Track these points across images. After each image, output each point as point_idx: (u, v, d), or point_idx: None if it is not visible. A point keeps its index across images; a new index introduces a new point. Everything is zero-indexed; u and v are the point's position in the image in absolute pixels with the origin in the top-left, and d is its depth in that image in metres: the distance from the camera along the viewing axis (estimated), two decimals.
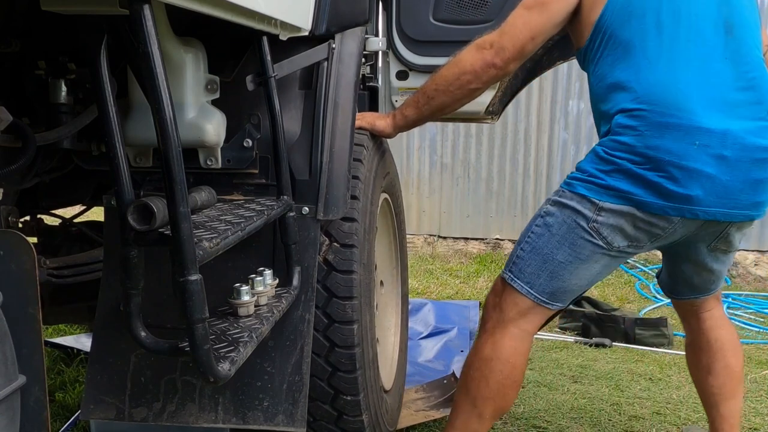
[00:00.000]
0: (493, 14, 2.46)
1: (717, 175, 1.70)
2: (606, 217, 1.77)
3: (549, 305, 1.88)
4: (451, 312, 3.98)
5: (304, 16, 1.71)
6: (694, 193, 1.70)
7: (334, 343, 1.81)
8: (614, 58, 1.81)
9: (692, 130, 1.69)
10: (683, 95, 1.72)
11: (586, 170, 1.81)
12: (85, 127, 1.61)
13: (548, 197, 1.90)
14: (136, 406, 1.61)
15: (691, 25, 1.77)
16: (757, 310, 4.34)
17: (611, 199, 1.75)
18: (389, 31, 2.55)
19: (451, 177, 5.95)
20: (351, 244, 1.80)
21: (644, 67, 1.76)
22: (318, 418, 1.90)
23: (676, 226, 1.77)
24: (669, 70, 1.75)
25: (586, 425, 2.63)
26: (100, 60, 1.11)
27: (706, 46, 1.76)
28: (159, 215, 1.10)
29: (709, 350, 2.14)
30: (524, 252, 1.88)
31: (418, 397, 2.74)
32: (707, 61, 1.76)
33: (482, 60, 1.88)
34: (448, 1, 2.49)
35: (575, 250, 1.81)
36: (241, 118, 1.71)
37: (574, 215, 1.80)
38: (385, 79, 2.63)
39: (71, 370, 3.03)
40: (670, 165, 1.69)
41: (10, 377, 1.00)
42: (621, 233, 1.79)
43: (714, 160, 1.69)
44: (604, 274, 1.93)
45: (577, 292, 1.93)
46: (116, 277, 1.60)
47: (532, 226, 1.89)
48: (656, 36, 1.76)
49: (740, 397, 2.16)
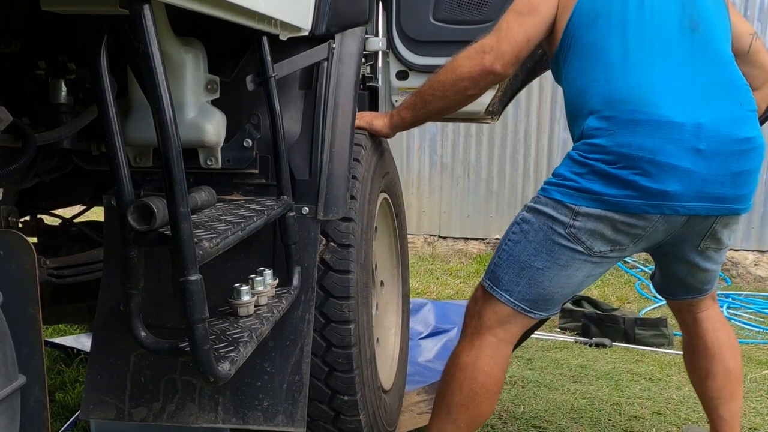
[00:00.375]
0: (493, 14, 2.46)
1: (694, 169, 1.68)
2: (583, 222, 1.74)
3: (530, 314, 1.85)
4: (451, 312, 3.98)
5: (304, 16, 1.71)
6: (672, 189, 1.68)
7: (331, 342, 1.81)
8: (581, 61, 1.81)
9: (663, 125, 1.68)
10: (651, 92, 1.72)
11: (560, 174, 1.79)
12: (85, 127, 1.60)
13: (525, 203, 1.89)
14: (136, 406, 1.61)
15: (656, 25, 1.79)
16: (757, 310, 4.34)
17: (587, 203, 1.73)
18: (389, 31, 2.55)
19: (451, 177, 5.95)
20: (348, 244, 1.80)
21: (611, 67, 1.76)
22: (315, 418, 1.90)
23: (656, 224, 1.74)
24: (636, 69, 1.75)
25: (586, 425, 2.63)
26: (100, 60, 1.11)
27: (672, 43, 1.78)
28: (159, 215, 1.10)
29: (707, 354, 2.13)
30: (501, 260, 1.86)
31: (420, 399, 2.74)
32: (674, 58, 1.77)
33: (481, 66, 1.87)
34: (448, 1, 2.49)
35: (553, 256, 1.79)
36: (241, 118, 1.71)
37: (550, 221, 1.78)
38: (385, 79, 2.63)
39: (71, 370, 3.03)
40: (644, 161, 1.67)
41: (10, 377, 1.00)
42: (600, 237, 1.76)
43: (689, 153, 1.67)
44: (589, 281, 1.90)
45: (561, 300, 1.88)
46: (116, 277, 1.60)
47: (509, 234, 1.87)
48: (621, 36, 1.78)
49: (740, 398, 2.16)
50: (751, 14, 5.38)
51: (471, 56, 1.88)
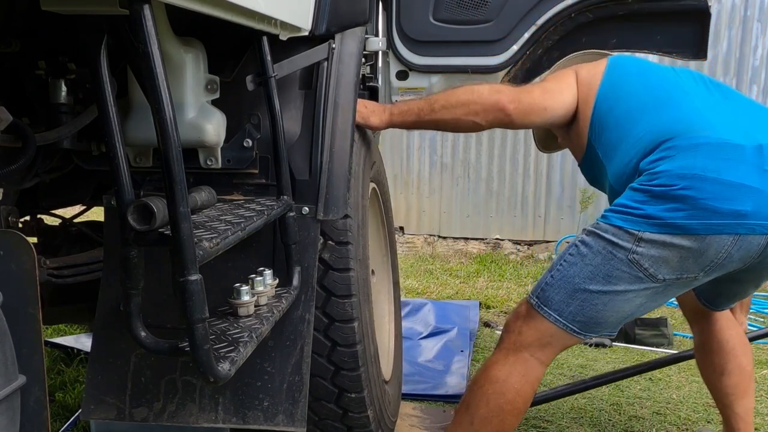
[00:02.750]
0: (493, 14, 2.46)
1: (763, 188, 1.65)
2: (646, 248, 1.68)
3: (580, 335, 1.81)
4: (451, 312, 3.98)
5: (304, 16, 1.70)
6: (744, 208, 1.64)
7: (336, 342, 1.81)
8: (619, 131, 1.86)
9: (724, 146, 1.68)
10: (704, 120, 1.76)
11: (621, 204, 1.75)
12: (85, 127, 1.60)
13: (584, 227, 1.85)
14: (136, 406, 1.61)
15: (677, 84, 1.89)
16: (757, 310, 4.33)
17: (651, 228, 1.67)
18: (389, 31, 2.55)
19: (451, 177, 5.96)
20: (346, 241, 1.80)
21: (654, 117, 1.80)
22: (323, 417, 1.90)
23: (730, 250, 1.67)
24: (678, 109, 1.80)
25: (586, 425, 2.63)
26: (100, 60, 1.11)
27: (699, 91, 1.87)
28: (159, 215, 1.10)
29: (721, 351, 2.14)
30: (554, 280, 1.81)
31: (414, 414, 2.73)
32: (712, 97, 1.85)
33: (497, 100, 1.93)
34: (448, 1, 2.49)
35: (610, 281, 1.73)
36: (241, 118, 1.71)
37: (610, 246, 1.72)
38: (385, 79, 2.63)
39: (71, 370, 3.03)
40: (709, 181, 1.64)
41: (10, 377, 1.00)
42: (665, 264, 1.70)
43: (756, 173, 1.66)
44: (651, 307, 1.85)
45: (615, 324, 1.82)
46: (116, 277, 1.60)
47: (564, 255, 1.83)
48: (652, 95, 1.86)
49: (753, 395, 2.19)
50: (751, 14, 5.38)
51: (492, 89, 1.98)
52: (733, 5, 5.39)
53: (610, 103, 1.90)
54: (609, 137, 1.88)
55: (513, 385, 1.82)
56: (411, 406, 2.78)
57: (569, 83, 1.97)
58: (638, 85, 1.92)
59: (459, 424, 1.90)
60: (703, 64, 5.21)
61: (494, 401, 1.82)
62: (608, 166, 1.89)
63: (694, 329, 2.23)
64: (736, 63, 5.46)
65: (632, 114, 1.85)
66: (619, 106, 1.89)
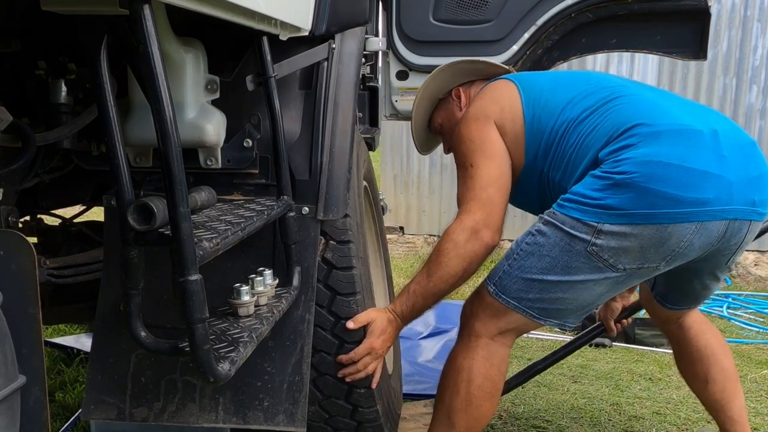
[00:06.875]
0: (493, 14, 2.46)
1: (723, 174, 1.64)
2: (606, 240, 1.65)
3: (540, 320, 1.78)
4: (451, 312, 3.95)
5: (304, 16, 1.71)
6: (707, 195, 1.62)
7: (344, 339, 1.81)
8: (573, 137, 1.80)
9: (685, 132, 1.67)
10: (658, 109, 1.74)
11: (579, 192, 1.70)
12: (85, 127, 1.61)
13: (540, 215, 1.79)
14: (136, 406, 1.61)
15: (612, 81, 1.92)
16: (757, 310, 4.33)
17: (611, 219, 1.64)
18: (389, 31, 2.55)
19: (451, 177, 5.95)
20: (347, 240, 1.80)
21: (606, 112, 1.77)
22: (333, 414, 1.90)
23: (691, 238, 1.65)
24: (629, 101, 1.78)
25: (586, 425, 2.63)
26: (100, 60, 1.11)
27: (634, 85, 1.91)
28: (159, 215, 1.10)
29: (701, 359, 2.12)
30: (511, 269, 1.78)
31: (426, 411, 2.72)
32: (650, 90, 1.88)
33: (485, 245, 1.80)
34: (448, 1, 2.49)
35: (569, 272, 1.70)
36: (241, 118, 1.71)
37: (568, 238, 1.69)
38: (385, 79, 2.64)
39: (71, 370, 3.03)
40: (677, 168, 1.62)
41: (10, 377, 1.00)
42: (626, 254, 1.67)
43: (715, 159, 1.65)
44: (615, 293, 1.83)
45: (577, 311, 1.79)
46: (116, 277, 1.60)
47: (521, 244, 1.78)
48: (595, 96, 1.82)
49: (742, 394, 2.17)
50: (751, 14, 5.38)
51: (470, 239, 1.79)
52: (733, 5, 5.39)
53: (546, 117, 1.83)
54: (560, 148, 1.82)
55: (479, 370, 1.81)
56: (422, 404, 2.78)
57: (490, 139, 1.86)
58: (571, 90, 1.86)
59: (437, 419, 1.89)
60: (703, 64, 5.21)
61: (464, 390, 1.82)
62: (555, 176, 1.84)
63: (671, 341, 2.21)
64: (736, 63, 5.46)
65: (582, 116, 1.79)
66: (562, 115, 1.82)
